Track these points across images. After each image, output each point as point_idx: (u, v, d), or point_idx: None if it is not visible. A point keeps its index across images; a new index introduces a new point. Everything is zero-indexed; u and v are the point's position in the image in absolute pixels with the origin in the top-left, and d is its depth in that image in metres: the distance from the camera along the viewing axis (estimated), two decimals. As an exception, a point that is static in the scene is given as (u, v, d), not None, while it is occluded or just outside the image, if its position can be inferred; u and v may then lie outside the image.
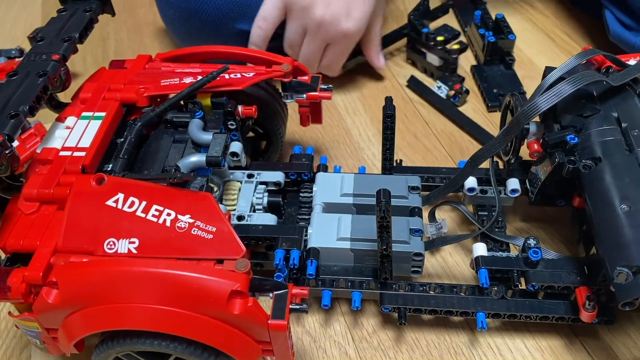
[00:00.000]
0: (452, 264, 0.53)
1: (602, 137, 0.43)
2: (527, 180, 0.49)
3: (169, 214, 0.39)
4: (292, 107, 0.58)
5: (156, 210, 0.39)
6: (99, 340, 0.40)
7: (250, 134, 0.59)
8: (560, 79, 0.45)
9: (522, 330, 0.48)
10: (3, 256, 0.41)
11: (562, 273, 0.43)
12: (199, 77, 0.48)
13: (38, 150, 0.45)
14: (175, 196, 0.40)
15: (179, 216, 0.39)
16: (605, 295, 0.43)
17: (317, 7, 0.62)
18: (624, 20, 0.65)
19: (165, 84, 0.49)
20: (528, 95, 0.68)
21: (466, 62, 0.77)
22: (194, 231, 0.38)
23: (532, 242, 0.44)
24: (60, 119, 0.48)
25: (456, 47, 0.71)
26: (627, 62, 0.48)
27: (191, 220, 0.38)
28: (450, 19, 0.85)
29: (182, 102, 0.49)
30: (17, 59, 0.76)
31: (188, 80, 0.49)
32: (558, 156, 0.44)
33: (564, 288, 0.43)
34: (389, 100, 0.49)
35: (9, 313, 0.41)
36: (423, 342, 0.48)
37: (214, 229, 0.38)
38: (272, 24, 0.65)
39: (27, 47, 0.81)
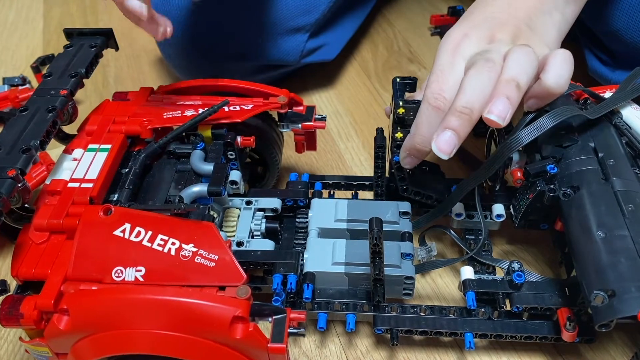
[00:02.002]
0: (442, 285, 0.56)
1: (580, 167, 0.46)
2: (511, 206, 0.52)
3: (173, 243, 0.41)
4: (288, 134, 0.60)
5: (161, 239, 0.41)
6: (106, 365, 0.42)
7: (248, 159, 0.61)
8: (543, 111, 0.48)
9: (509, 349, 0.50)
10: (14, 284, 0.43)
11: (544, 295, 0.46)
12: (200, 110, 0.51)
13: (47, 182, 0.47)
14: (179, 226, 0.42)
15: (183, 245, 0.41)
16: (586, 315, 0.45)
17: None
18: (601, 57, 0.68)
19: (168, 116, 0.51)
20: (514, 122, 0.71)
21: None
22: (197, 259, 0.40)
23: (516, 265, 0.47)
24: (67, 151, 0.50)
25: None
26: (602, 94, 0.51)
27: (195, 249, 0.41)
28: (437, 46, 0.88)
29: (184, 134, 0.51)
30: (20, 87, 0.79)
31: (189, 112, 0.51)
32: (539, 185, 0.47)
33: (547, 309, 0.45)
34: (379, 131, 0.51)
35: (20, 338, 0.42)
36: (414, 361, 0.50)
37: (216, 257, 0.40)
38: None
39: (29, 74, 0.84)
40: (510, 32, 0.49)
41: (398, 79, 0.53)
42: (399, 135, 0.50)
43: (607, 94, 0.52)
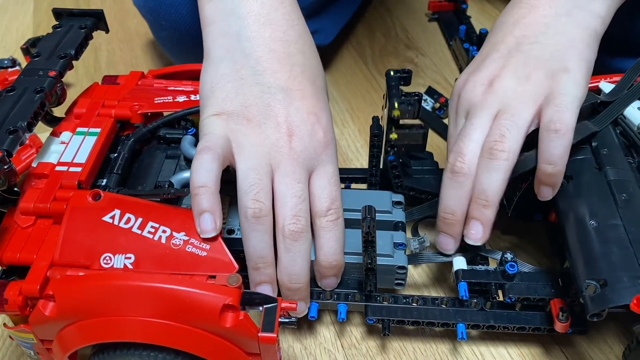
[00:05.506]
0: (435, 274, 0.55)
1: (573, 156, 0.45)
2: (503, 198, 0.51)
3: (164, 231, 0.40)
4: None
5: (152, 227, 0.40)
6: (92, 352, 0.41)
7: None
8: None
9: (505, 338, 0.50)
10: (-1, 269, 0.42)
11: (537, 286, 0.45)
12: (192, 96, 0.50)
13: (34, 164, 0.46)
14: (170, 213, 0.41)
15: (174, 233, 0.40)
16: (579, 306, 0.44)
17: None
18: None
19: (159, 101, 0.50)
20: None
21: (451, 75, 0.79)
22: (188, 248, 0.39)
23: (509, 256, 0.46)
24: (55, 134, 0.49)
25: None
26: (596, 83, 0.51)
27: (186, 238, 0.40)
28: (435, 33, 0.87)
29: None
30: (9, 69, 0.78)
31: (181, 98, 0.50)
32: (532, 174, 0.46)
33: (540, 300, 0.45)
34: (375, 119, 0.51)
35: (4, 324, 0.42)
36: (410, 349, 0.50)
37: (208, 247, 0.40)
38: None
39: (19, 56, 0.82)
40: (513, 68, 0.45)
41: (392, 73, 0.52)
42: (393, 136, 0.49)
43: (602, 84, 0.51)
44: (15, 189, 0.46)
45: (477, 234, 0.45)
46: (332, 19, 0.79)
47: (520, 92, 0.44)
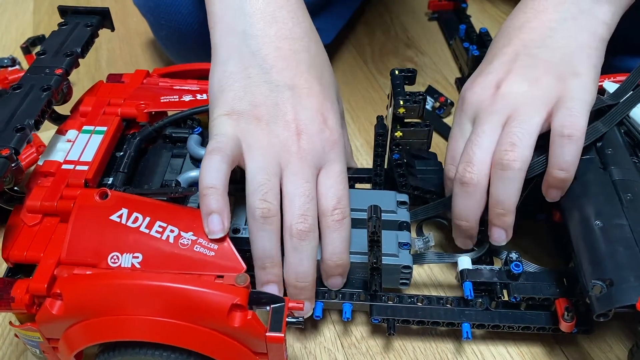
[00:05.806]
0: (438, 273, 0.56)
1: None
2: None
3: (172, 231, 0.40)
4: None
5: (160, 226, 0.40)
6: (99, 351, 0.41)
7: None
8: None
9: (506, 338, 0.50)
10: (3, 267, 0.42)
11: (542, 285, 0.45)
12: (198, 96, 0.50)
13: (40, 162, 0.46)
14: (178, 213, 0.41)
15: (182, 233, 0.40)
16: (584, 306, 0.45)
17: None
18: None
19: (165, 100, 0.50)
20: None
21: (451, 74, 0.80)
22: (196, 248, 0.39)
23: (513, 255, 0.46)
24: (60, 132, 0.49)
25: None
26: (600, 82, 0.51)
27: (194, 238, 0.40)
28: (435, 32, 0.88)
29: (179, 118, 0.50)
30: (9, 68, 0.77)
31: (187, 98, 0.50)
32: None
33: (545, 299, 0.45)
34: (380, 119, 0.51)
35: (10, 323, 0.42)
36: (410, 349, 0.50)
37: (216, 247, 0.40)
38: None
39: (19, 56, 0.82)
40: (522, 71, 0.45)
41: (397, 72, 0.52)
42: (398, 134, 0.50)
43: (606, 83, 0.51)
44: (15, 188, 0.46)
45: (501, 237, 0.46)
46: (332, 19, 0.79)
47: (530, 96, 0.44)
